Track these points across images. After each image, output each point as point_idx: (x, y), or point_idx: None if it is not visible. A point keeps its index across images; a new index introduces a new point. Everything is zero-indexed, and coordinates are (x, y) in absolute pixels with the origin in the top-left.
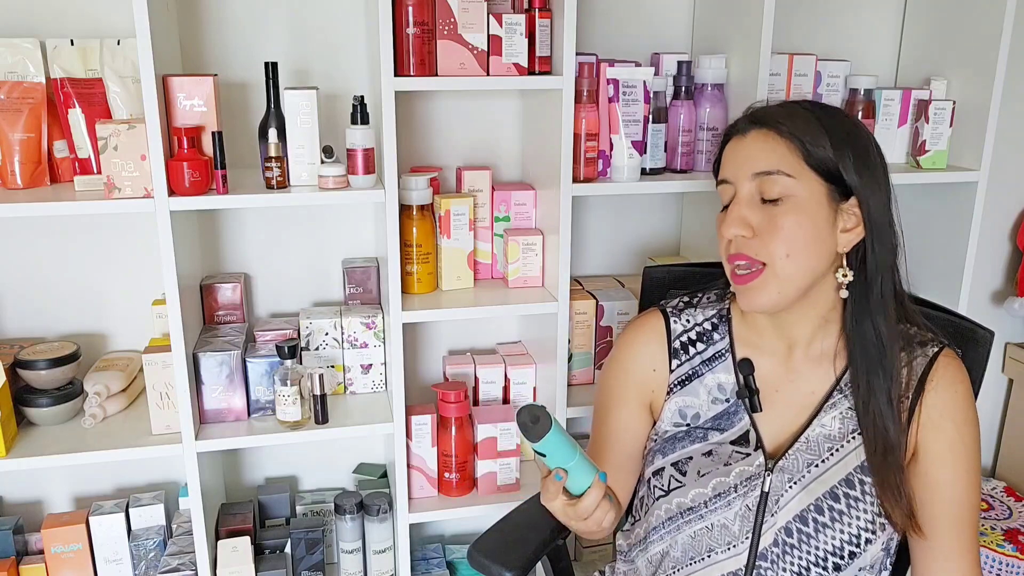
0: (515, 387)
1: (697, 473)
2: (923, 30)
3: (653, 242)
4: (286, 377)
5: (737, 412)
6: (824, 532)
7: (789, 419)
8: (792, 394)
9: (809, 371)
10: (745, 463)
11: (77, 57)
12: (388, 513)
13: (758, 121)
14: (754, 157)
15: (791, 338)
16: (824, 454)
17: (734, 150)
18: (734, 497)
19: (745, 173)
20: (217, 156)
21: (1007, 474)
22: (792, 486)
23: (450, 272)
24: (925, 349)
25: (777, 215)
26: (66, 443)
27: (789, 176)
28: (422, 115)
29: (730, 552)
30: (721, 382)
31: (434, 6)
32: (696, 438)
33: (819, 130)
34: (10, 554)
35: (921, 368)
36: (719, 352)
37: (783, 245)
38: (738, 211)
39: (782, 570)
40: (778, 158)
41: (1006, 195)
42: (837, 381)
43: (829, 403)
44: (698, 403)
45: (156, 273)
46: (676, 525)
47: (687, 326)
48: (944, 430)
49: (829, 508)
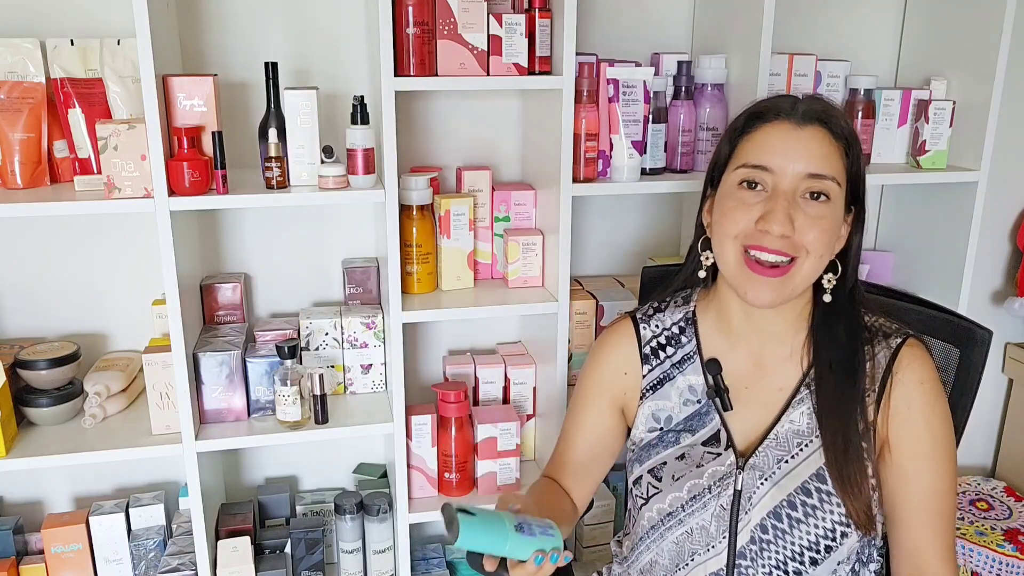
0: (515, 387)
1: (672, 477)
2: (923, 30)
3: (653, 242)
4: (286, 377)
5: (708, 412)
6: (798, 527)
7: (759, 416)
8: (761, 390)
9: (778, 367)
10: (717, 463)
11: (77, 57)
12: (388, 513)
13: (818, 117)
14: (811, 155)
15: (763, 333)
16: (793, 450)
17: (785, 139)
18: (709, 498)
19: (797, 169)
20: (217, 156)
21: (1007, 474)
22: (763, 483)
23: (450, 272)
24: (889, 340)
25: (820, 217)
26: (66, 443)
27: (837, 183)
28: (422, 115)
29: (710, 553)
30: (691, 383)
31: (434, 6)
32: (669, 442)
33: (855, 137)
34: (10, 554)
35: (886, 360)
36: (687, 355)
37: (820, 246)
38: (786, 208)
39: (761, 567)
40: (833, 163)
41: (1006, 195)
42: (804, 376)
43: (797, 399)
44: (670, 406)
45: (156, 273)
46: (659, 532)
47: (656, 331)
48: (912, 422)
49: (802, 504)
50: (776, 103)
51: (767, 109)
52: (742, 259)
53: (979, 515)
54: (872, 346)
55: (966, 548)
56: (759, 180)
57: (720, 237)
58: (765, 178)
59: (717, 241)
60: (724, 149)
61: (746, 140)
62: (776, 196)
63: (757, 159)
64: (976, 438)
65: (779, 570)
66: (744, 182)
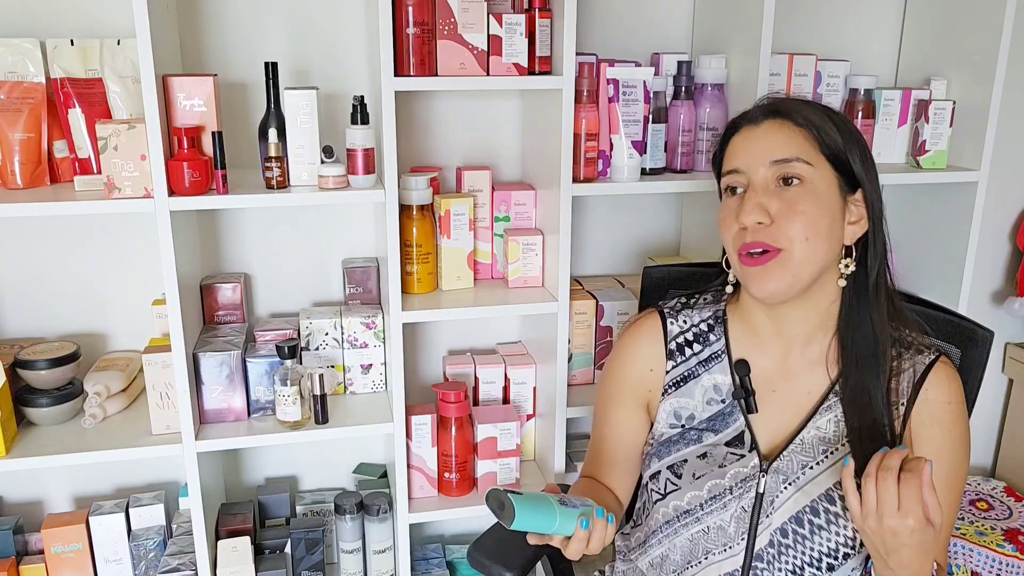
0: (515, 387)
1: (692, 476)
2: (923, 30)
3: (653, 242)
4: (286, 377)
5: (732, 413)
6: (819, 534)
7: (784, 421)
8: (788, 395)
9: (805, 373)
10: (740, 464)
11: (77, 57)
12: (388, 513)
13: (773, 111)
14: (771, 145)
15: (789, 337)
16: (819, 456)
17: (747, 139)
18: (729, 499)
19: (761, 161)
20: (217, 156)
21: (1007, 474)
22: (787, 487)
23: (450, 272)
24: (922, 356)
25: (796, 200)
26: (66, 443)
27: (807, 163)
28: (422, 115)
29: (726, 553)
30: (717, 383)
31: (434, 6)
32: (691, 440)
33: (829, 121)
34: (10, 554)
35: (917, 375)
36: (715, 353)
37: (803, 229)
38: (756, 198)
39: (777, 570)
40: (796, 146)
41: (1006, 195)
42: (833, 384)
43: (824, 405)
44: (693, 404)
45: (156, 273)
46: (674, 528)
47: (684, 327)
48: (932, 435)
49: (824, 511)
50: (745, 112)
51: (735, 120)
52: (740, 263)
53: (979, 515)
54: (901, 359)
55: (966, 548)
56: (736, 183)
57: (725, 247)
58: (739, 180)
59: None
60: (715, 167)
61: (725, 153)
62: (748, 191)
63: (728, 165)
64: (976, 438)
65: (795, 575)
66: (728, 189)
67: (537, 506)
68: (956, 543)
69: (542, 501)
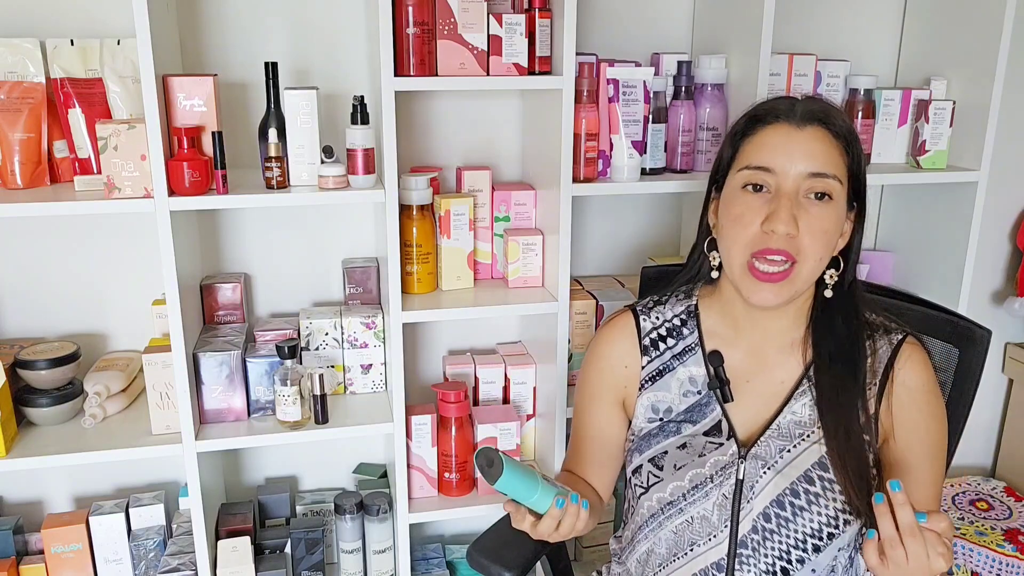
0: (515, 387)
1: (674, 467)
2: (923, 30)
3: (653, 242)
4: (286, 377)
5: (709, 403)
6: (801, 515)
7: (760, 408)
8: (763, 384)
9: (779, 361)
10: (719, 452)
11: (77, 57)
12: (388, 513)
13: (818, 118)
14: (811, 154)
15: (766, 330)
16: (796, 439)
17: (787, 140)
18: (711, 487)
19: (799, 170)
20: (217, 156)
21: (1007, 474)
22: (766, 471)
23: (450, 272)
24: (890, 337)
25: (823, 218)
26: (66, 443)
27: (838, 181)
28: (422, 115)
29: (711, 543)
30: (692, 375)
31: (434, 6)
32: (670, 432)
33: (854, 135)
34: (10, 554)
35: (887, 355)
36: (689, 346)
37: (821, 248)
38: (791, 208)
39: (763, 556)
40: (834, 162)
41: (1006, 195)
42: (806, 370)
43: (799, 391)
44: (670, 397)
45: (156, 273)
46: (658, 521)
47: (656, 323)
48: (914, 418)
49: (805, 491)
50: (775, 105)
51: (767, 111)
52: (747, 267)
53: (979, 515)
54: (873, 341)
55: (966, 548)
56: (762, 182)
57: (729, 244)
58: (768, 179)
59: (725, 246)
60: (726, 152)
61: (747, 143)
62: (780, 196)
63: (759, 161)
64: (976, 438)
65: (781, 560)
66: (748, 185)
67: (524, 473)
68: (956, 543)
69: (528, 471)
